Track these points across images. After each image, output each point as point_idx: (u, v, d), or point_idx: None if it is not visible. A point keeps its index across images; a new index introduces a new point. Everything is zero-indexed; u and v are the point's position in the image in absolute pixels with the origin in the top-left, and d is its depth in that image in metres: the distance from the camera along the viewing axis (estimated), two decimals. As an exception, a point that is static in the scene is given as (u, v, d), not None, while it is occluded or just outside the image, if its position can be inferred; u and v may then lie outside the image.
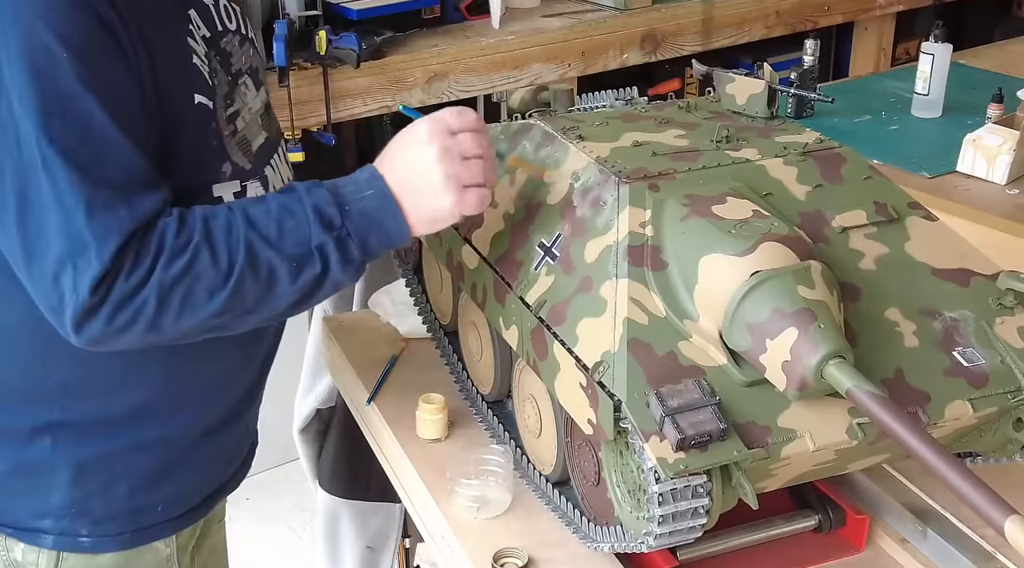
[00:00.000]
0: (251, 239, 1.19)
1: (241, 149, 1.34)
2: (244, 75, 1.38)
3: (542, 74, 3.13)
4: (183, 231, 1.18)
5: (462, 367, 1.68)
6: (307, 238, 1.21)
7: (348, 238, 1.22)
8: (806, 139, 1.43)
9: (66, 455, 1.34)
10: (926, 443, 1.05)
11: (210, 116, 1.28)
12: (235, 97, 1.34)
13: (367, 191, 1.24)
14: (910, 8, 3.91)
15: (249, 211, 1.21)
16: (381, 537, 2.22)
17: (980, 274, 1.33)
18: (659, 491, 1.13)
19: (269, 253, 1.20)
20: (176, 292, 1.17)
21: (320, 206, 1.22)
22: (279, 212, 1.22)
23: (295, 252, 1.21)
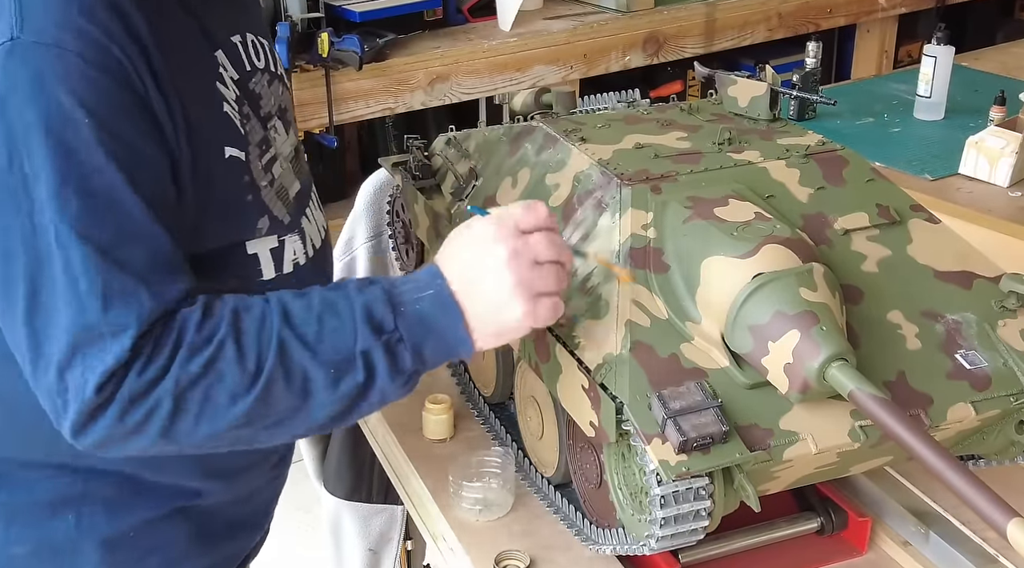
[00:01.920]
0: (285, 338, 1.05)
1: (280, 199, 1.23)
2: (274, 118, 1.26)
3: (544, 76, 3.14)
4: (207, 323, 1.04)
5: (464, 369, 1.68)
6: (352, 342, 1.06)
7: (400, 344, 1.08)
8: (808, 141, 1.43)
9: (92, 532, 1.22)
10: (928, 446, 1.05)
11: (243, 169, 1.17)
12: (270, 142, 1.22)
13: (426, 291, 1.09)
14: (912, 10, 3.92)
15: (288, 306, 1.07)
16: (383, 539, 2.22)
17: (982, 276, 1.33)
18: (661, 493, 1.13)
19: (305, 356, 1.05)
20: (195, 393, 1.03)
21: (371, 305, 1.08)
22: (322, 309, 1.07)
23: (336, 358, 1.06)
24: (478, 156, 1.59)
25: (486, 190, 1.51)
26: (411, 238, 1.79)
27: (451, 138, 1.68)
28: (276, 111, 1.27)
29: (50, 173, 1.00)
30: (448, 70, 3.00)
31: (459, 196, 1.56)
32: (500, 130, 1.59)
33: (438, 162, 1.67)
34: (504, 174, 1.49)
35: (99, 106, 1.01)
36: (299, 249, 1.25)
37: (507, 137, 1.55)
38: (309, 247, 1.28)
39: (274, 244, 1.22)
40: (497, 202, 1.46)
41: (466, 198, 1.54)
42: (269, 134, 1.24)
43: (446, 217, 1.55)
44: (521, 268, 1.10)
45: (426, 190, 1.64)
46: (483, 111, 3.27)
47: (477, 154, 1.59)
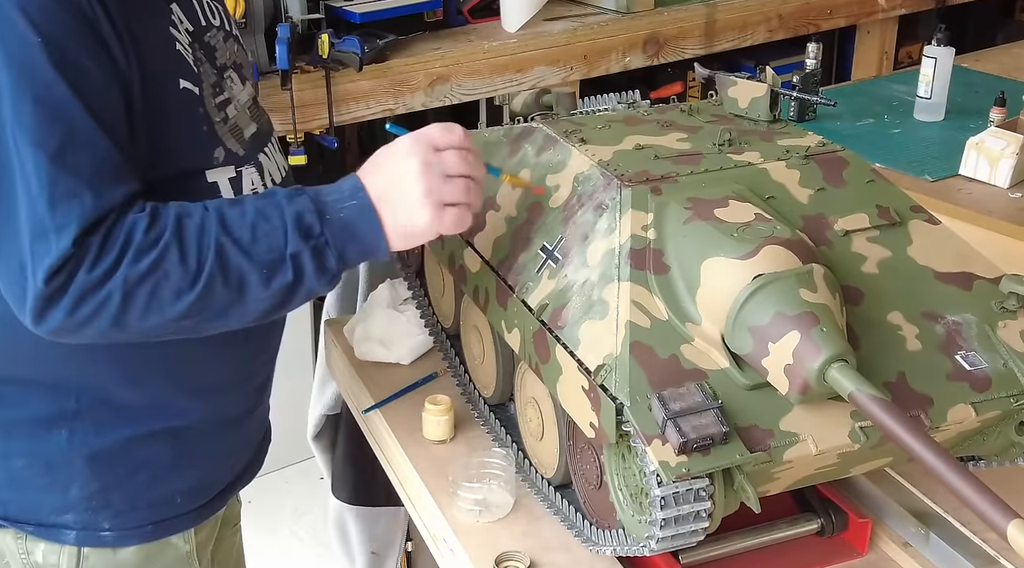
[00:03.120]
0: (223, 243, 1.18)
1: (234, 135, 1.33)
2: (229, 69, 1.37)
3: (544, 77, 3.14)
4: (154, 227, 1.16)
5: (464, 370, 1.68)
6: (282, 245, 1.19)
7: (326, 247, 1.21)
8: (808, 142, 1.43)
9: (83, 446, 1.32)
10: (929, 447, 1.05)
11: (197, 102, 1.27)
12: (223, 87, 1.33)
13: (349, 201, 1.23)
14: (913, 11, 3.92)
15: (225, 213, 1.20)
16: (386, 541, 2.22)
17: (983, 277, 1.33)
18: (661, 494, 1.13)
19: (240, 259, 1.18)
20: (142, 289, 1.15)
21: (300, 214, 1.21)
22: (255, 216, 1.20)
23: (267, 259, 1.19)
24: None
25: (486, 191, 1.50)
26: (411, 239, 1.79)
27: (451, 139, 1.68)
28: (232, 64, 1.38)
29: (8, 89, 1.12)
30: (448, 71, 3.00)
31: (459, 197, 1.56)
32: (500, 131, 1.59)
33: (438, 163, 1.67)
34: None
35: (50, 29, 1.13)
36: (257, 181, 1.35)
37: (507, 138, 1.55)
38: (268, 180, 1.37)
39: (232, 174, 1.31)
40: (497, 202, 1.46)
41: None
42: (224, 82, 1.34)
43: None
44: (431, 179, 1.23)
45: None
46: (483, 112, 3.27)
47: (477, 155, 1.59)
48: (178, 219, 1.18)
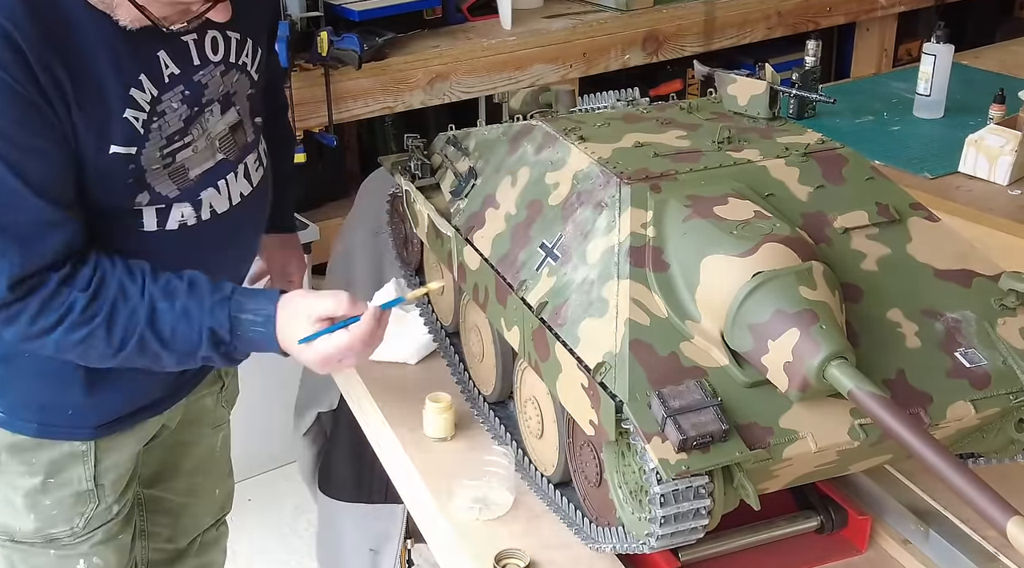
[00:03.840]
0: (145, 335, 1.43)
1: (173, 178, 1.48)
2: (214, 103, 1.51)
3: (544, 75, 3.14)
4: (90, 308, 1.41)
5: (463, 368, 1.68)
6: (194, 348, 1.45)
7: (234, 351, 1.47)
8: (808, 140, 1.43)
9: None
10: (928, 444, 1.05)
11: (127, 160, 1.42)
12: (190, 131, 1.48)
13: (259, 328, 1.45)
14: (912, 9, 3.92)
15: (156, 307, 1.44)
16: (384, 539, 2.22)
17: (982, 275, 1.33)
18: (661, 492, 1.13)
19: (157, 347, 1.44)
20: (72, 351, 1.44)
21: (214, 329, 1.44)
22: (179, 317, 1.44)
23: (181, 352, 1.45)
24: (477, 155, 1.59)
25: (486, 189, 1.51)
26: (411, 237, 1.79)
27: (451, 137, 1.68)
28: (220, 97, 1.52)
29: None
30: (447, 69, 3.00)
31: (459, 195, 1.56)
32: (500, 129, 1.59)
33: (437, 161, 1.67)
34: (504, 173, 1.49)
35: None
36: (189, 213, 1.51)
37: (506, 136, 1.55)
38: (206, 212, 1.53)
39: (161, 206, 1.49)
40: (497, 200, 1.46)
41: (466, 196, 1.54)
42: (195, 122, 1.49)
43: (445, 216, 1.55)
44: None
45: (426, 189, 1.64)
46: (483, 110, 3.27)
47: (476, 153, 1.59)
48: (113, 304, 1.42)
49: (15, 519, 1.61)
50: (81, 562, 1.66)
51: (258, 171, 1.62)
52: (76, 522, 1.62)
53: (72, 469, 1.60)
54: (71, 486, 1.61)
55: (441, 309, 1.76)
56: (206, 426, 1.85)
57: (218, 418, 1.88)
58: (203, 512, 1.94)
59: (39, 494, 1.60)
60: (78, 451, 1.60)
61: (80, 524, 1.63)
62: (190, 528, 1.92)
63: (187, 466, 1.86)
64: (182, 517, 1.90)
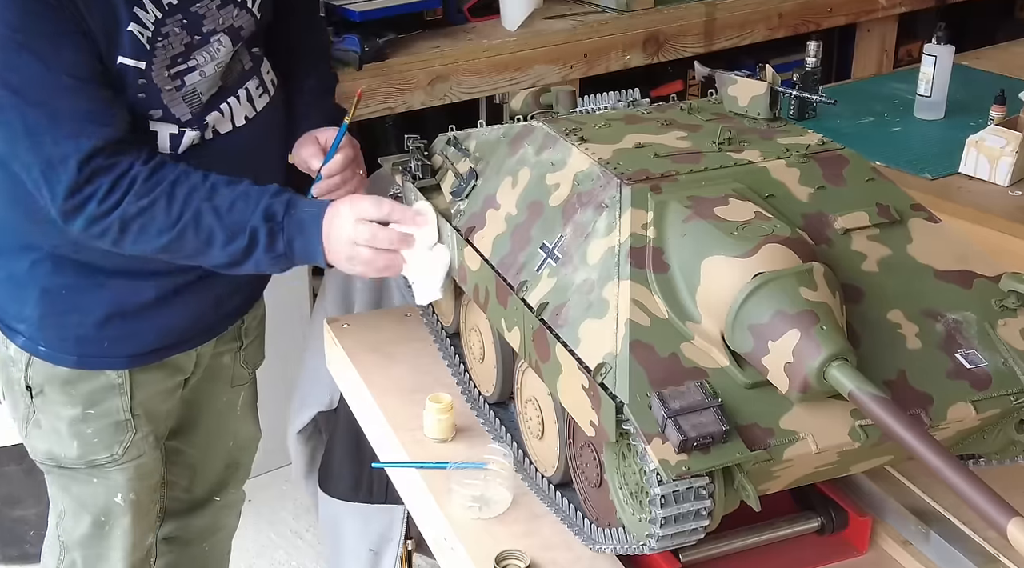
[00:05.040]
0: (202, 206, 1.53)
1: (186, 101, 1.60)
2: (219, 33, 1.61)
3: (544, 76, 3.13)
4: (151, 179, 1.52)
5: (464, 369, 1.68)
6: (247, 219, 1.54)
7: (280, 232, 1.55)
8: (808, 141, 1.43)
9: (36, 279, 1.67)
10: (928, 445, 1.05)
11: (136, 74, 1.53)
12: (193, 56, 1.58)
13: (312, 209, 1.57)
14: (912, 10, 3.91)
15: (218, 186, 1.55)
16: (384, 539, 2.22)
17: (982, 276, 1.33)
18: (661, 493, 1.13)
19: (213, 219, 1.53)
20: (134, 224, 1.53)
21: (272, 204, 1.55)
22: (239, 194, 1.55)
23: (233, 225, 1.54)
24: (478, 156, 1.59)
25: (486, 189, 1.51)
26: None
27: (451, 138, 1.68)
28: (224, 29, 1.62)
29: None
30: (448, 70, 2.99)
31: (459, 195, 1.56)
32: (500, 130, 1.59)
33: (438, 162, 1.67)
34: (504, 173, 1.49)
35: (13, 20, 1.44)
36: (196, 136, 1.61)
37: (507, 137, 1.55)
38: (209, 133, 1.63)
39: (174, 130, 1.59)
40: (497, 201, 1.46)
41: (466, 197, 1.54)
42: (199, 50, 1.59)
43: (446, 216, 1.55)
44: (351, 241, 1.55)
45: (426, 190, 1.64)
46: (483, 111, 3.27)
47: (477, 154, 1.59)
48: (175, 179, 1.53)
49: (60, 446, 1.75)
50: (119, 495, 1.79)
51: (261, 97, 1.71)
52: (115, 449, 1.75)
53: (110, 400, 1.73)
54: (110, 416, 1.74)
55: (442, 310, 1.76)
56: (223, 382, 1.95)
57: (237, 377, 1.97)
58: (220, 464, 2.04)
59: (81, 423, 1.73)
60: (115, 383, 1.72)
61: (119, 451, 1.76)
62: (206, 480, 2.02)
63: (206, 420, 1.96)
64: (199, 469, 2.00)
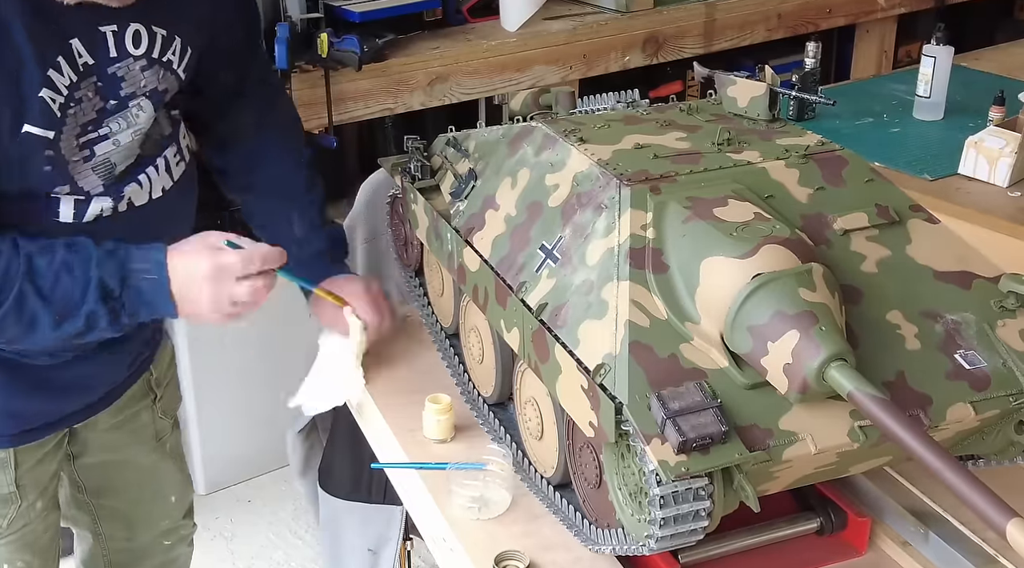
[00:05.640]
0: (24, 288, 1.36)
1: (96, 172, 1.46)
2: (140, 98, 1.48)
3: (544, 76, 3.14)
4: None
5: (463, 370, 1.68)
6: (78, 300, 1.38)
7: (122, 309, 1.41)
8: (807, 142, 1.43)
9: None
10: (928, 446, 1.05)
11: (43, 145, 1.38)
12: (106, 123, 1.45)
13: (151, 275, 1.42)
14: (912, 11, 3.92)
15: (34, 260, 1.37)
16: (382, 539, 2.22)
17: (982, 277, 1.33)
18: (660, 494, 1.13)
19: (37, 303, 1.37)
20: None
21: (104, 278, 1.39)
22: (59, 269, 1.38)
23: (63, 306, 1.38)
24: (477, 156, 1.59)
25: (485, 190, 1.51)
26: (410, 238, 1.79)
27: (450, 138, 1.68)
28: (147, 92, 1.49)
29: None
30: (447, 70, 3.00)
31: (458, 196, 1.56)
32: (499, 130, 1.59)
33: (437, 162, 1.67)
34: (503, 174, 1.49)
35: None
36: (108, 206, 1.48)
37: (506, 137, 1.55)
38: (124, 204, 1.51)
39: (80, 198, 1.46)
40: (496, 202, 1.46)
41: (465, 198, 1.54)
42: (114, 116, 1.45)
43: (445, 217, 1.55)
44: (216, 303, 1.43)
45: (425, 190, 1.64)
46: (482, 111, 3.27)
47: (476, 154, 1.59)
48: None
49: None
50: (4, 566, 1.68)
51: (179, 165, 1.60)
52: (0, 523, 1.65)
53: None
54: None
55: (441, 310, 1.76)
56: (145, 441, 1.85)
57: (160, 430, 1.87)
58: (159, 516, 1.94)
59: None
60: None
61: (4, 524, 1.65)
62: (147, 531, 1.93)
63: (132, 480, 1.87)
64: (137, 522, 1.91)
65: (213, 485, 3.09)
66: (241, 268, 1.42)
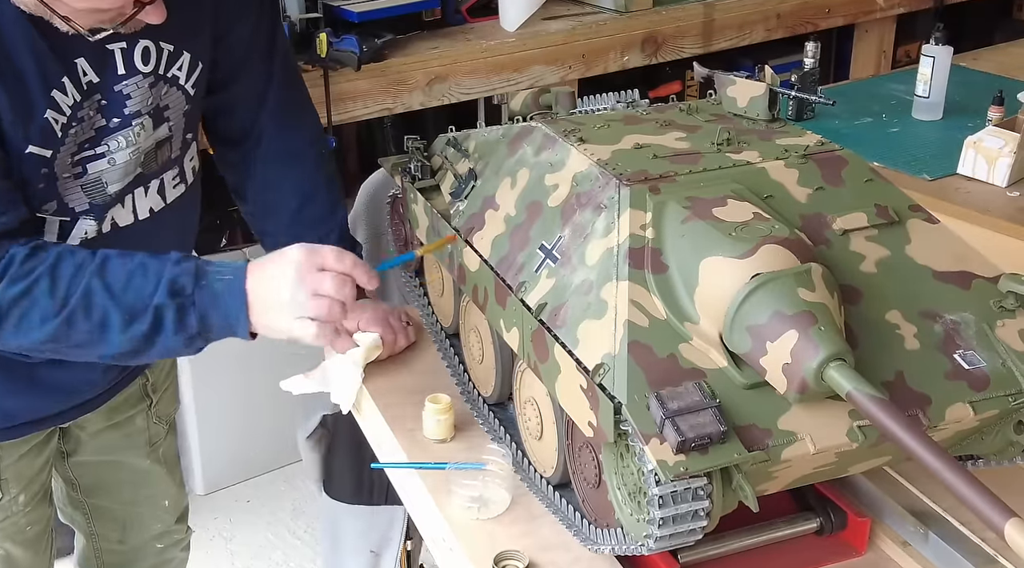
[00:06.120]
0: (92, 284, 1.33)
1: (86, 190, 1.43)
2: (143, 116, 1.45)
3: (543, 76, 3.14)
4: (31, 260, 1.33)
5: (463, 370, 1.68)
6: (148, 296, 1.33)
7: (191, 307, 1.35)
8: (807, 142, 1.43)
9: None
10: (927, 446, 1.05)
11: (39, 163, 1.37)
12: (103, 141, 1.42)
13: (226, 276, 1.36)
14: (911, 11, 3.92)
15: (108, 261, 1.35)
16: (384, 540, 2.22)
17: (981, 277, 1.33)
18: (659, 493, 1.13)
19: (106, 299, 1.33)
20: (14, 311, 1.33)
21: (177, 275, 1.34)
22: (135, 267, 1.35)
23: (131, 305, 1.33)
24: (477, 156, 1.59)
25: (485, 190, 1.51)
26: (411, 238, 1.79)
27: (450, 138, 1.68)
28: (150, 110, 1.46)
29: None
30: (447, 70, 3.00)
31: (458, 196, 1.56)
32: (499, 130, 1.59)
33: (437, 162, 1.67)
34: (503, 174, 1.49)
35: None
36: (91, 228, 1.45)
37: (506, 137, 1.55)
38: (107, 225, 1.48)
39: (66, 219, 1.43)
40: (496, 202, 1.46)
41: (465, 198, 1.54)
42: (113, 134, 1.42)
43: (445, 217, 1.55)
44: (302, 292, 1.35)
45: (425, 190, 1.64)
46: (482, 111, 3.27)
47: (476, 154, 1.59)
48: (57, 256, 1.34)
49: None
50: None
51: (176, 188, 1.57)
52: None
53: None
54: None
55: (441, 310, 1.76)
56: (139, 446, 1.85)
57: (153, 435, 1.87)
58: (151, 520, 1.94)
59: None
60: None
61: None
62: (139, 533, 1.93)
63: (125, 482, 1.86)
64: (129, 524, 1.91)
65: (212, 485, 3.09)
66: (333, 258, 1.37)
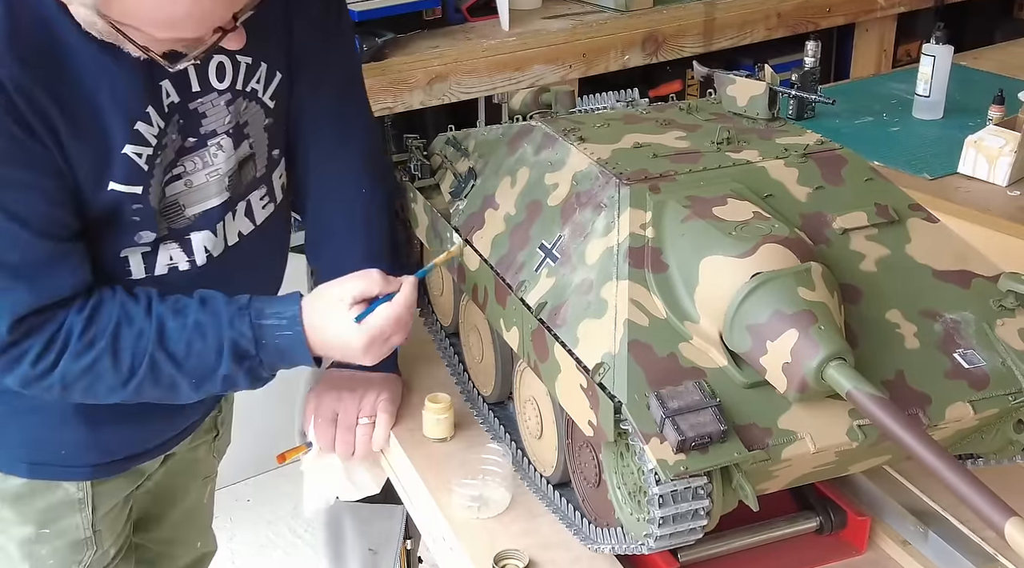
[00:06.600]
0: (156, 356, 1.32)
1: (165, 215, 1.37)
2: (220, 135, 1.39)
3: (543, 75, 3.14)
4: (90, 330, 1.30)
5: (463, 369, 1.68)
6: (213, 365, 1.33)
7: (260, 366, 1.37)
8: (807, 141, 1.43)
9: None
10: (927, 445, 1.05)
11: (129, 199, 1.32)
12: (181, 162, 1.36)
13: (286, 331, 1.35)
14: (911, 10, 3.92)
15: (165, 324, 1.32)
16: (383, 539, 2.22)
17: (981, 276, 1.33)
18: (659, 493, 1.13)
19: (172, 369, 1.33)
20: (79, 384, 1.32)
21: (236, 339, 1.33)
22: (192, 332, 1.33)
23: (199, 372, 1.34)
24: (477, 155, 1.59)
25: (485, 189, 1.51)
26: (411, 238, 1.79)
27: (450, 137, 1.68)
28: (228, 130, 1.39)
29: None
30: (447, 69, 2.99)
31: (458, 195, 1.56)
32: (499, 129, 1.59)
33: (437, 162, 1.67)
34: (503, 173, 1.49)
35: None
36: (179, 256, 1.41)
37: (506, 136, 1.55)
38: (200, 256, 1.42)
39: (146, 250, 1.38)
40: (496, 201, 1.46)
41: (465, 197, 1.54)
42: (190, 155, 1.37)
43: (445, 216, 1.55)
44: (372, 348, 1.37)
45: (425, 190, 1.64)
46: (482, 110, 3.27)
47: (476, 153, 1.59)
48: (116, 325, 1.31)
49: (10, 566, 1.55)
50: None
51: (265, 208, 1.49)
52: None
53: (68, 517, 1.54)
54: (68, 535, 1.55)
55: (441, 309, 1.76)
56: (197, 477, 1.81)
57: (208, 469, 1.83)
58: (180, 556, 1.89)
59: (33, 544, 1.54)
60: (73, 499, 1.53)
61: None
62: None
63: (172, 516, 1.80)
64: (158, 562, 1.85)
65: (213, 484, 3.09)
66: (392, 329, 1.36)
